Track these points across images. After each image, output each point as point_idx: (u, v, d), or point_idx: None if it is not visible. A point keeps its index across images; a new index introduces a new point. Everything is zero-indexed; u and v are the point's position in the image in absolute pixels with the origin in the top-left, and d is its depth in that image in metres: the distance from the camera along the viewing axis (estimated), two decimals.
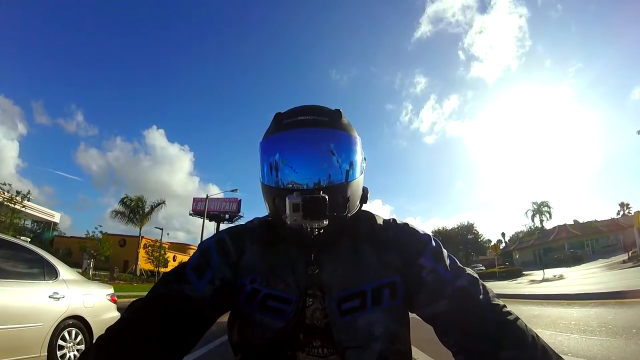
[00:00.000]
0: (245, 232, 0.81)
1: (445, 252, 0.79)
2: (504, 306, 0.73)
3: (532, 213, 51.60)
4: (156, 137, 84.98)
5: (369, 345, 0.70)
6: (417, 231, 0.81)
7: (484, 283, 0.76)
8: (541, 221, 50.91)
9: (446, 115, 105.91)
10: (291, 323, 0.71)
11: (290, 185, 0.72)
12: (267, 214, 0.85)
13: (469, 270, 0.77)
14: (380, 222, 0.83)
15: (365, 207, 0.85)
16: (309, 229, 0.70)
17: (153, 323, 0.67)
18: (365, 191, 0.82)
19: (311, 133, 0.74)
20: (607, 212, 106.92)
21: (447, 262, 0.77)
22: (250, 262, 0.76)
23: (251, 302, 0.73)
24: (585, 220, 43.43)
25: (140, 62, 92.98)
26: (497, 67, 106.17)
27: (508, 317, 0.70)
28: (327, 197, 0.67)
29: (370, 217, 0.84)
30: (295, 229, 0.70)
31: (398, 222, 0.83)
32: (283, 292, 0.72)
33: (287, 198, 0.67)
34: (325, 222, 0.68)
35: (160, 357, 0.66)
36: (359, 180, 0.77)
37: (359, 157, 0.77)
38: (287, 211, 0.67)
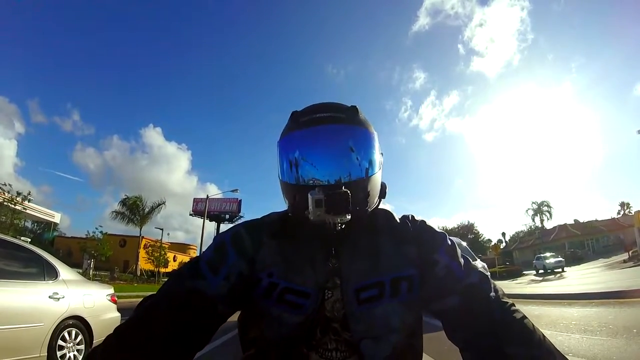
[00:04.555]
0: (262, 225, 0.80)
1: (459, 250, 0.80)
2: (513, 304, 0.74)
3: (532, 212, 51.67)
4: (153, 135, 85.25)
5: (385, 337, 0.70)
6: (434, 228, 0.83)
7: (494, 282, 0.77)
8: (541, 221, 51.02)
9: (446, 112, 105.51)
10: (309, 318, 0.71)
11: (312, 182, 0.72)
12: (281, 210, 0.85)
13: (480, 269, 0.78)
14: (397, 218, 0.85)
15: None
16: (332, 224, 0.70)
17: (164, 321, 0.66)
18: (383, 187, 0.83)
19: (330, 130, 0.74)
20: (607, 211, 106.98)
21: (461, 260, 0.78)
22: (267, 256, 0.75)
23: (268, 297, 0.72)
24: (586, 220, 43.51)
25: (136, 60, 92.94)
26: (498, 61, 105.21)
27: (516, 316, 0.71)
28: (349, 192, 0.67)
29: (389, 213, 0.86)
30: (317, 225, 0.71)
31: (416, 218, 0.85)
32: (301, 286, 0.72)
33: (309, 194, 0.67)
34: (348, 217, 0.68)
35: (171, 357, 0.65)
36: (377, 176, 0.78)
37: (377, 152, 0.78)
38: (310, 207, 0.67)
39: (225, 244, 0.76)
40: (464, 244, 11.78)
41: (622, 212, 46.45)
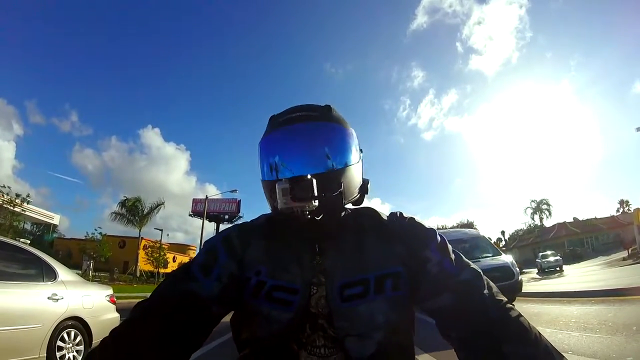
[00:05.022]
0: (250, 227, 0.83)
1: (450, 246, 0.80)
2: (507, 302, 0.73)
3: (531, 211, 51.73)
4: (151, 136, 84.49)
5: (369, 334, 0.70)
6: (423, 225, 0.82)
7: (488, 279, 0.76)
8: (541, 219, 51.12)
9: (445, 111, 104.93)
10: (299, 313, 0.71)
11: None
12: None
13: (473, 265, 0.78)
14: (385, 216, 0.85)
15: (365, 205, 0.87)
16: (299, 212, 0.71)
17: (159, 323, 0.67)
18: (365, 182, 0.84)
19: (301, 128, 0.77)
20: (606, 209, 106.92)
21: (452, 256, 0.78)
22: (255, 256, 0.76)
23: (257, 295, 0.73)
24: (585, 218, 43.56)
25: (134, 61, 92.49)
26: (496, 59, 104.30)
27: (511, 313, 0.70)
28: (313, 179, 0.70)
29: (374, 211, 0.86)
30: (298, 221, 0.73)
31: (405, 215, 0.85)
32: (289, 283, 0.73)
33: (276, 184, 0.71)
34: (315, 203, 0.70)
35: (167, 357, 0.66)
36: (352, 169, 0.79)
37: (350, 146, 0.80)
38: (278, 197, 0.70)
39: (216, 246, 0.78)
40: (482, 234, 10.64)
41: (621, 210, 46.50)
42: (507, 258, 9.27)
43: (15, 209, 22.04)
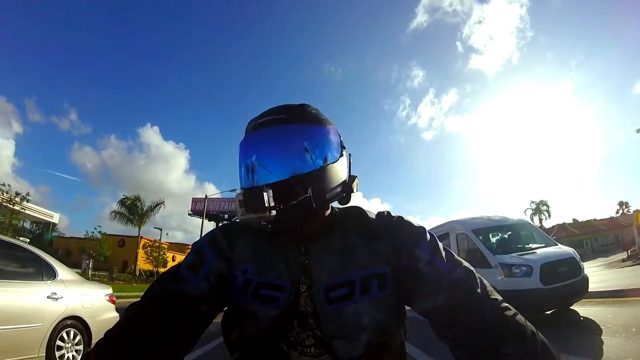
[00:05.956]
0: (237, 227, 0.83)
1: (440, 244, 0.78)
2: (502, 300, 0.71)
3: (531, 212, 51.70)
4: (151, 134, 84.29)
5: (356, 336, 0.70)
6: (412, 223, 0.80)
7: (481, 277, 0.74)
8: (540, 220, 50.95)
9: (445, 110, 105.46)
10: (285, 311, 0.71)
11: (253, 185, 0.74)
12: None
13: (465, 263, 0.76)
14: (372, 215, 0.83)
15: (363, 205, 0.86)
16: (258, 222, 0.71)
17: (151, 323, 0.67)
18: (351, 179, 0.81)
19: (265, 133, 0.74)
20: (606, 210, 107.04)
21: (443, 254, 0.76)
22: (242, 254, 0.77)
23: (244, 293, 0.73)
24: (585, 219, 43.61)
25: (133, 59, 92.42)
26: (497, 59, 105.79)
27: (507, 312, 0.69)
28: (267, 190, 0.68)
29: (361, 210, 0.84)
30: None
31: (392, 214, 0.83)
32: (275, 280, 0.73)
33: (235, 196, 0.72)
34: (272, 213, 0.68)
35: (161, 357, 0.66)
36: (329, 168, 0.75)
37: (323, 145, 0.75)
38: (236, 208, 0.71)
39: (203, 247, 0.78)
40: (524, 218, 8.19)
41: (620, 211, 46.59)
42: (568, 248, 7.07)
43: (15, 208, 22.00)
